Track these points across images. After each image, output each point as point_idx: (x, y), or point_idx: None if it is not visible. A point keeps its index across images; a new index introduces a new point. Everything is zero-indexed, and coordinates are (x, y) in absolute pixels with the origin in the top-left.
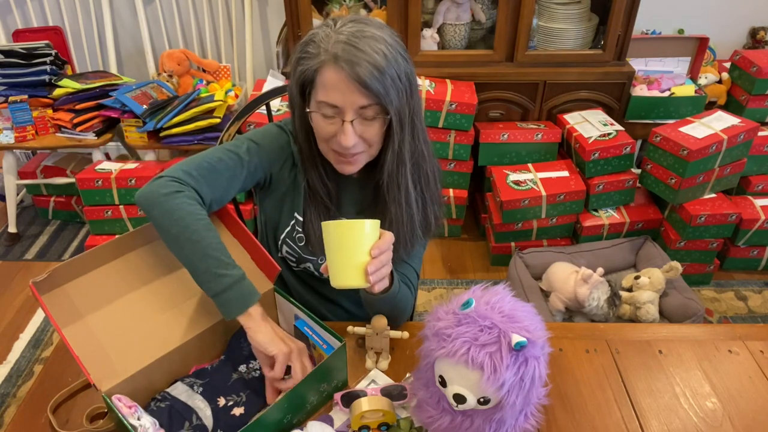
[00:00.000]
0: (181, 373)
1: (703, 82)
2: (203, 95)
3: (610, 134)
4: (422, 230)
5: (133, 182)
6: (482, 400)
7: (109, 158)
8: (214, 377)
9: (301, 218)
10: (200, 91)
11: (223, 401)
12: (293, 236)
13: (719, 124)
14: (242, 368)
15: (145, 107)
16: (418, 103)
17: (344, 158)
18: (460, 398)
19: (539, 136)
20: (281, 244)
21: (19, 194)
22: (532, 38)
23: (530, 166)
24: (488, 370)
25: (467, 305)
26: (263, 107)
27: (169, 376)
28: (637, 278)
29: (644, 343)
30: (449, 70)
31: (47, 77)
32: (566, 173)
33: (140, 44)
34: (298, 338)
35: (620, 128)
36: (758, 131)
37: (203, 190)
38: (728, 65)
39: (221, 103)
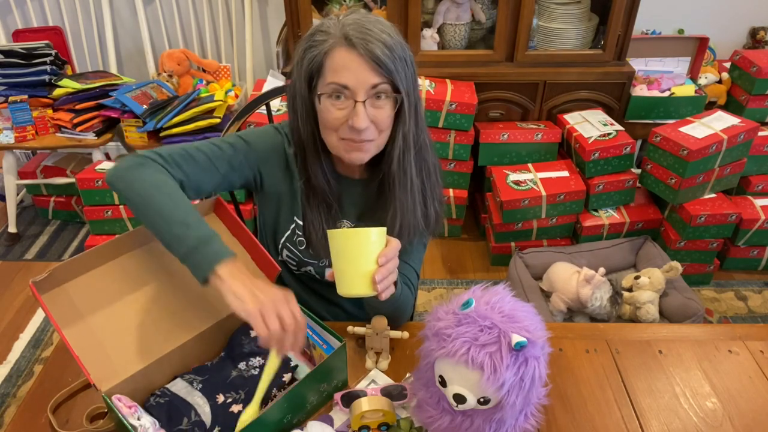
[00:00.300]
0: (181, 373)
1: (703, 82)
2: (203, 95)
3: (610, 134)
4: (423, 222)
5: None
6: (482, 400)
7: (109, 158)
8: (213, 374)
9: (300, 222)
10: (200, 91)
11: (222, 398)
12: (293, 240)
13: (719, 124)
14: (242, 365)
15: (145, 107)
16: (419, 95)
17: (355, 144)
18: (460, 398)
19: (539, 136)
20: (281, 248)
21: (19, 194)
22: (532, 38)
23: (530, 166)
24: (488, 370)
25: (467, 305)
26: (263, 107)
27: (169, 376)
28: (637, 278)
29: (644, 343)
30: (449, 70)
31: (47, 77)
32: (566, 173)
33: (140, 44)
34: None
35: (620, 128)
36: (758, 131)
37: (172, 169)
38: (728, 65)
39: (221, 103)
